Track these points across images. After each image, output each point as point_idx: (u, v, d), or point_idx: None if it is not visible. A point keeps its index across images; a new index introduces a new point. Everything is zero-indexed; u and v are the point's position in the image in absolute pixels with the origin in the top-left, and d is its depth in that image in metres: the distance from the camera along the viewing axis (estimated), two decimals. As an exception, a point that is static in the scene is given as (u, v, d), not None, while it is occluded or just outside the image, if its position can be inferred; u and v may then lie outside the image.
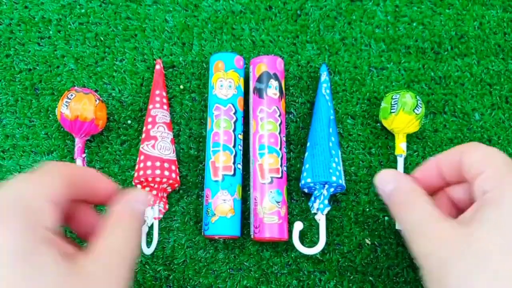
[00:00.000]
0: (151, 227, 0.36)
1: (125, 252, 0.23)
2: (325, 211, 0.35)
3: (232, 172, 0.35)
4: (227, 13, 0.41)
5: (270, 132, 0.35)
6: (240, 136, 0.36)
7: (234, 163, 0.35)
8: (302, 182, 0.35)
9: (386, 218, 0.37)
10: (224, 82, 0.36)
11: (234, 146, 0.35)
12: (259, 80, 0.36)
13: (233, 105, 0.36)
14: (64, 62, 0.40)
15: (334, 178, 0.34)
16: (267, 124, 0.35)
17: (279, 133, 0.36)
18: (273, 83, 0.36)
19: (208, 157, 0.35)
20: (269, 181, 0.34)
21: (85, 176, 0.25)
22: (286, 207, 0.35)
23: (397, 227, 0.36)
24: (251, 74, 0.37)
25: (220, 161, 0.35)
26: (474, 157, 0.26)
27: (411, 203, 0.27)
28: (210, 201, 0.34)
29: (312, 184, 0.35)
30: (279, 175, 0.35)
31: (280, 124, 0.36)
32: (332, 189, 0.35)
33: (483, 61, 0.41)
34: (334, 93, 0.40)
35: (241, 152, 0.36)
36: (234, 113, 0.36)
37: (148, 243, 0.35)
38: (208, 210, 0.34)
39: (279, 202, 0.34)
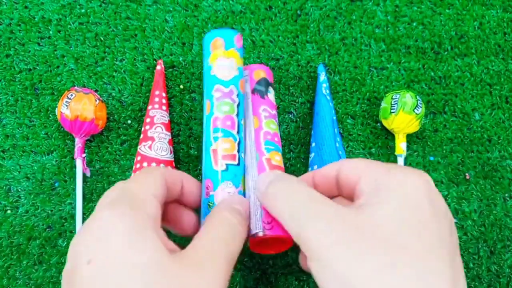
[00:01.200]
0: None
1: (228, 239, 0.25)
2: None
3: (236, 162, 0.30)
4: (227, 13, 0.41)
5: (274, 132, 0.35)
6: (243, 122, 0.32)
7: (238, 151, 0.31)
8: None
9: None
10: (224, 62, 0.31)
11: (238, 133, 0.31)
12: (259, 83, 0.36)
13: (235, 86, 0.31)
14: (64, 62, 0.40)
15: None
16: (272, 124, 0.35)
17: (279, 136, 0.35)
18: (272, 91, 0.36)
19: (208, 144, 0.31)
20: None
21: (175, 174, 0.28)
22: None
23: None
24: (247, 78, 0.37)
25: (223, 148, 0.30)
26: (351, 166, 0.26)
27: (293, 186, 0.25)
28: (212, 194, 0.29)
29: None
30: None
31: (278, 129, 0.35)
32: None
33: (483, 61, 0.41)
34: (334, 93, 0.40)
35: (244, 139, 0.32)
36: (237, 96, 0.31)
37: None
38: (210, 204, 0.29)
39: None
